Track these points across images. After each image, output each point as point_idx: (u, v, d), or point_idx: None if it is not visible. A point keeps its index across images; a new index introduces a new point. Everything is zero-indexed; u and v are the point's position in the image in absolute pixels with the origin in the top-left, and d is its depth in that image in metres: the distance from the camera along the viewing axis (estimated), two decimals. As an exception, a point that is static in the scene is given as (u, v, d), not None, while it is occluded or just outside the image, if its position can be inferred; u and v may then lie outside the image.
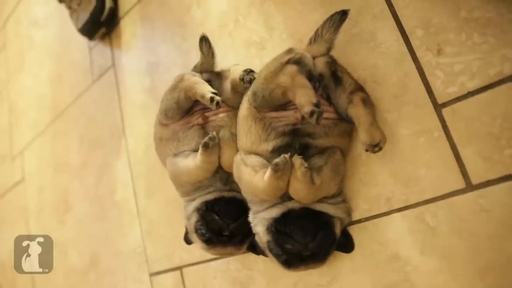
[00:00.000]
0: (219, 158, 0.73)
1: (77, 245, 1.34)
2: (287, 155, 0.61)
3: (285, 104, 0.66)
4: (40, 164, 1.55)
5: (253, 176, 0.65)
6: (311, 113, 0.58)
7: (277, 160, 0.60)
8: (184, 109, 0.78)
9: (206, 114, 0.78)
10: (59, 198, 1.43)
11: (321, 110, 0.58)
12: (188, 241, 0.81)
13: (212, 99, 0.70)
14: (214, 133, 0.73)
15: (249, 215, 0.70)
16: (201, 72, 0.83)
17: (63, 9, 1.35)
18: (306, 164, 0.60)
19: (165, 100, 0.79)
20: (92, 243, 1.27)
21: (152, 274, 1.05)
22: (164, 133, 0.82)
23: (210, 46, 0.84)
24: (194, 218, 0.75)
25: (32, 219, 1.56)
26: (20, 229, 1.60)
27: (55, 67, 1.53)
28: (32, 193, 1.57)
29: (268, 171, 0.61)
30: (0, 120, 1.84)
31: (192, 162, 0.74)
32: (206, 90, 0.72)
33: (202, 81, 0.75)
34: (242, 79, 0.72)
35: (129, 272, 1.12)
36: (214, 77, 0.80)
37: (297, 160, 0.60)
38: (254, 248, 0.80)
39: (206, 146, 0.71)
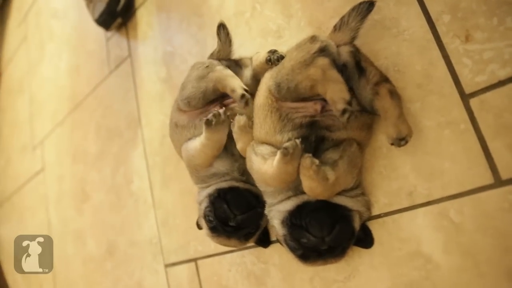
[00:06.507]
0: (234, 139, 0.72)
1: (94, 233, 1.36)
2: (297, 140, 0.59)
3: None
4: (59, 153, 1.58)
5: (262, 164, 0.63)
6: (343, 111, 0.56)
7: (286, 144, 0.58)
8: (209, 100, 0.77)
9: (225, 102, 0.76)
10: (77, 187, 1.45)
11: (353, 109, 0.57)
12: (199, 226, 0.81)
13: (243, 96, 0.69)
14: (221, 110, 0.71)
15: (259, 210, 0.69)
16: (218, 59, 0.81)
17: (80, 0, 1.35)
18: (317, 162, 0.57)
19: (189, 87, 0.78)
20: (108, 232, 1.29)
21: (167, 265, 1.06)
22: (180, 119, 0.81)
23: (227, 33, 0.83)
24: (205, 203, 0.75)
25: (52, 208, 1.59)
26: (41, 217, 1.64)
27: (73, 58, 1.55)
28: (52, 183, 1.60)
29: (277, 155, 0.59)
30: (21, 111, 1.88)
31: (199, 141, 0.74)
32: (237, 85, 0.71)
33: (234, 74, 0.74)
34: (269, 60, 0.70)
35: (145, 262, 1.13)
36: (232, 64, 0.78)
37: (307, 159, 0.57)
38: (262, 242, 0.79)
39: (208, 123, 0.70)
